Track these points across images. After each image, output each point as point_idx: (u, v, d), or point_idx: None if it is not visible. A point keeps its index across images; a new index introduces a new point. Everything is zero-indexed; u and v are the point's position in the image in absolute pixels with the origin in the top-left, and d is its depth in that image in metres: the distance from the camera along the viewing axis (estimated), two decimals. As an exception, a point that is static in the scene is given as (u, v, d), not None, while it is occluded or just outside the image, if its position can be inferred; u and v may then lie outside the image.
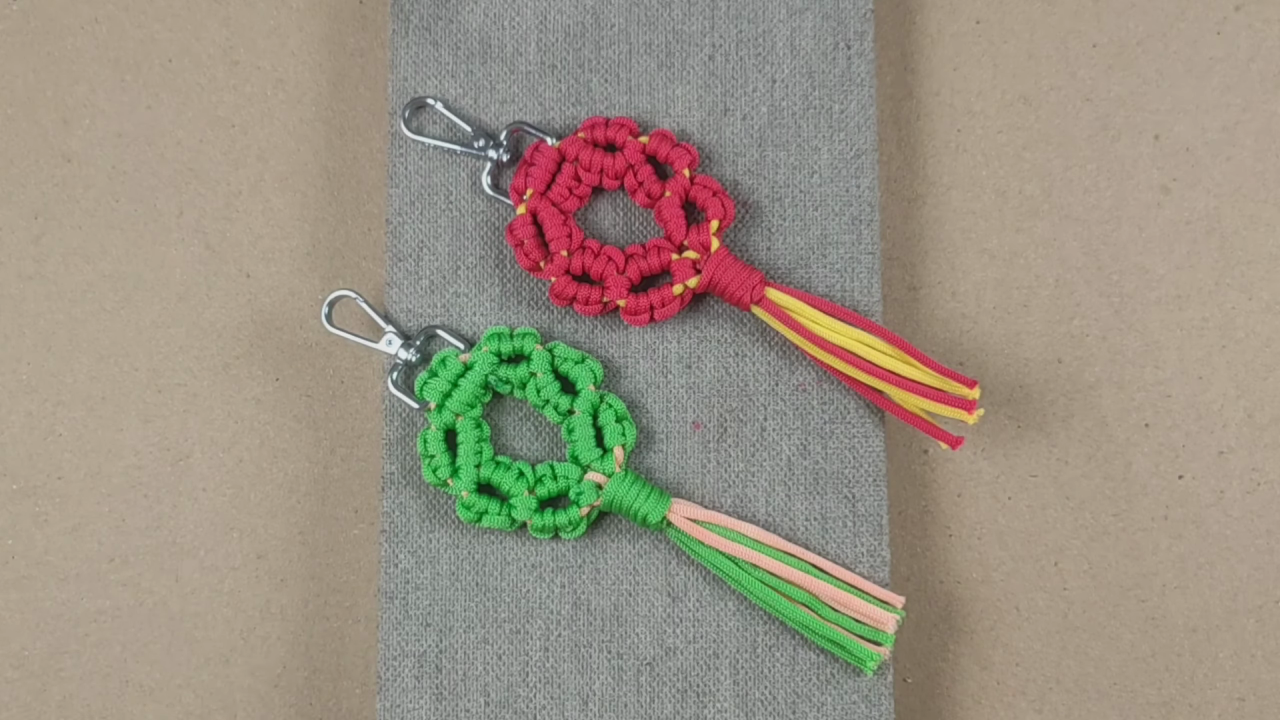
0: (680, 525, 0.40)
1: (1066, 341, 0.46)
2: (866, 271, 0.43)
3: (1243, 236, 0.46)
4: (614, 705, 0.42)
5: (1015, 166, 0.47)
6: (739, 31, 0.44)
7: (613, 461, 0.40)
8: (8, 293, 0.48)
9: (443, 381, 0.41)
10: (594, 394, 0.41)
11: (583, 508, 0.40)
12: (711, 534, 0.39)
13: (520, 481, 0.40)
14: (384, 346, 0.42)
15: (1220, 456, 0.45)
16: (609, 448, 0.40)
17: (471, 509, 0.40)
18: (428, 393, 0.41)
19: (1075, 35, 0.47)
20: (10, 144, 0.48)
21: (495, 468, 0.41)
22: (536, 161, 0.43)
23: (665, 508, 0.40)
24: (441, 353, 0.41)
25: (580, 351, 0.41)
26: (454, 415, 0.41)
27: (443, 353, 0.41)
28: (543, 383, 0.41)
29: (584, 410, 0.41)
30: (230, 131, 0.48)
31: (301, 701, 0.46)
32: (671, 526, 0.40)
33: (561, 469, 0.40)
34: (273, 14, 0.49)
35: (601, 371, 0.41)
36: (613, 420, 0.41)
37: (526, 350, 0.41)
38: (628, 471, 0.40)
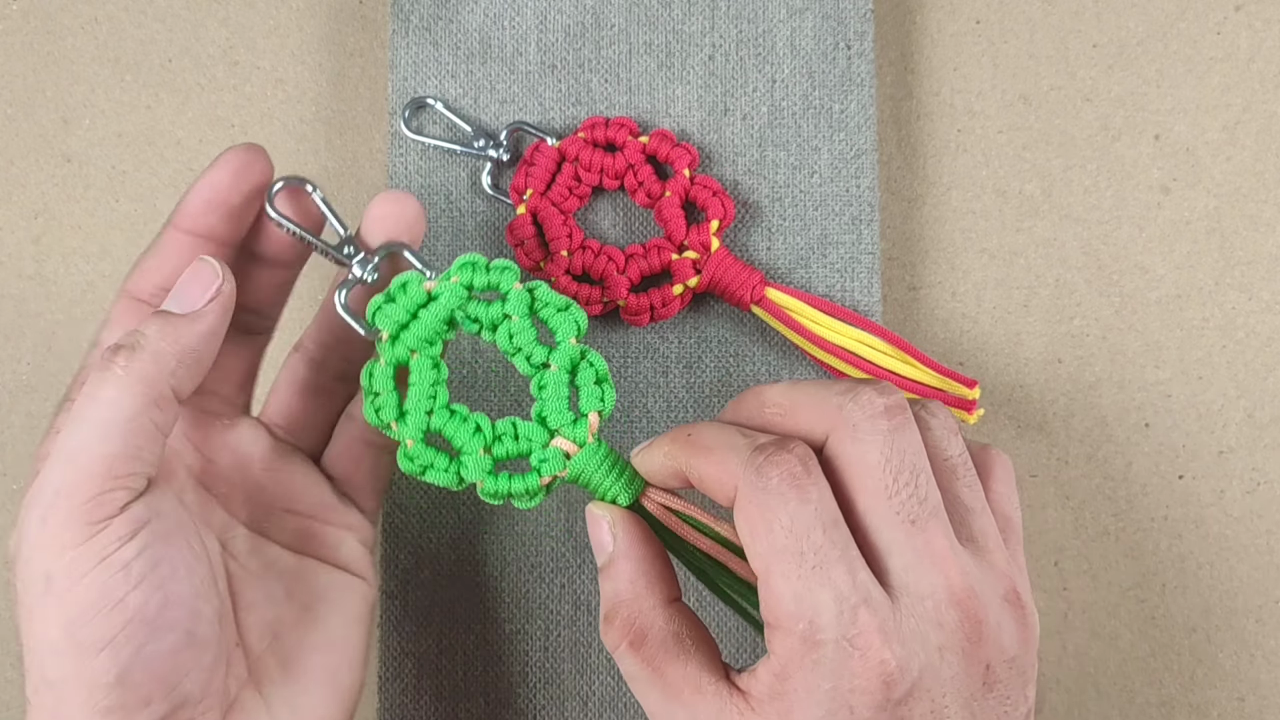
0: (654, 511, 0.34)
1: (1066, 341, 0.46)
2: (866, 271, 0.43)
3: (1243, 236, 0.46)
4: (614, 705, 0.42)
5: (1015, 166, 0.47)
6: (739, 31, 0.44)
7: (585, 429, 0.34)
8: (8, 293, 0.48)
9: (400, 309, 0.34)
10: (575, 348, 0.35)
11: (544, 476, 0.34)
12: (686, 527, 0.34)
13: (476, 437, 0.34)
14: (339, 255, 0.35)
15: (1220, 456, 0.45)
16: (584, 412, 0.34)
17: (415, 461, 0.34)
18: (380, 319, 0.34)
19: (1075, 35, 0.47)
20: (10, 144, 0.48)
21: (449, 417, 0.34)
22: (536, 161, 0.43)
23: (638, 491, 0.34)
24: (403, 275, 0.34)
25: (565, 297, 0.35)
26: (408, 350, 0.34)
27: (404, 275, 0.34)
28: (518, 327, 0.35)
29: (561, 365, 0.34)
30: (230, 131, 0.48)
31: (301, 701, 0.46)
32: (644, 511, 0.35)
33: (526, 429, 0.34)
34: (273, 14, 0.49)
35: (586, 324, 0.35)
36: (592, 381, 0.35)
37: (503, 287, 0.35)
38: (601, 443, 0.34)
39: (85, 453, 0.28)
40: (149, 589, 0.28)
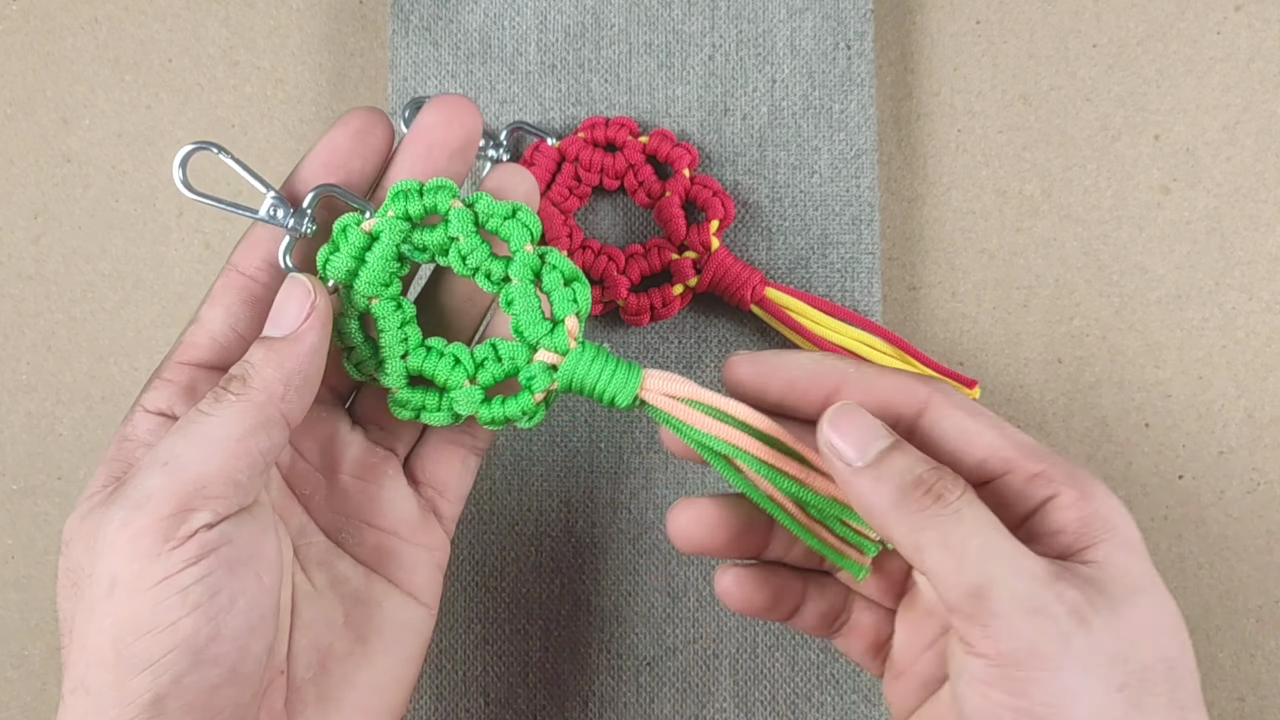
0: (658, 404, 0.32)
1: (1066, 341, 0.46)
2: (866, 271, 0.43)
3: (1243, 236, 0.46)
4: (614, 705, 0.42)
5: (1015, 166, 0.47)
6: (739, 31, 0.44)
7: (564, 335, 0.32)
8: (8, 293, 0.48)
9: (347, 257, 0.32)
10: (531, 255, 0.32)
11: (537, 394, 0.32)
12: (696, 413, 0.32)
13: (458, 370, 0.33)
14: (265, 216, 0.32)
15: (1220, 456, 0.45)
16: (559, 319, 0.32)
17: (406, 406, 0.33)
18: (331, 271, 0.32)
19: (1075, 35, 0.47)
20: (10, 144, 0.48)
21: (426, 355, 0.33)
22: (537, 161, 0.43)
23: (637, 384, 0.32)
24: (341, 220, 0.32)
25: (510, 202, 0.33)
26: (366, 298, 0.32)
27: (342, 220, 0.32)
28: (467, 247, 0.32)
29: (523, 276, 0.32)
30: (230, 131, 0.48)
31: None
32: (647, 405, 0.32)
33: (506, 349, 0.33)
34: (273, 14, 0.49)
35: (539, 226, 0.33)
36: (560, 284, 0.32)
37: (442, 208, 0.32)
38: (585, 344, 0.32)
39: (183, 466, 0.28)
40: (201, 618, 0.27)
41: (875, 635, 0.34)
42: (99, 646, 0.27)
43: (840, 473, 0.29)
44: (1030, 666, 0.26)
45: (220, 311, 0.31)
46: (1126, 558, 0.28)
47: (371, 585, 0.33)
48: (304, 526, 0.33)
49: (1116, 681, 0.26)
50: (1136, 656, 0.26)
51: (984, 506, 0.28)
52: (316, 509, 0.33)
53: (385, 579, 0.34)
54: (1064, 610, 0.26)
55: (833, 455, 0.30)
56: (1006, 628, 0.26)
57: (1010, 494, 0.29)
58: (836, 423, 0.30)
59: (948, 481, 0.28)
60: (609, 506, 0.42)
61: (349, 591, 0.33)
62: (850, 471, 0.29)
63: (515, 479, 0.43)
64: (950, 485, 0.28)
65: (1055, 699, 0.26)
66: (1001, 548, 0.27)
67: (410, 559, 0.34)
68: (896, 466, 0.29)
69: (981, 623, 0.26)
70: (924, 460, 0.29)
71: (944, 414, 0.30)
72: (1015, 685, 0.26)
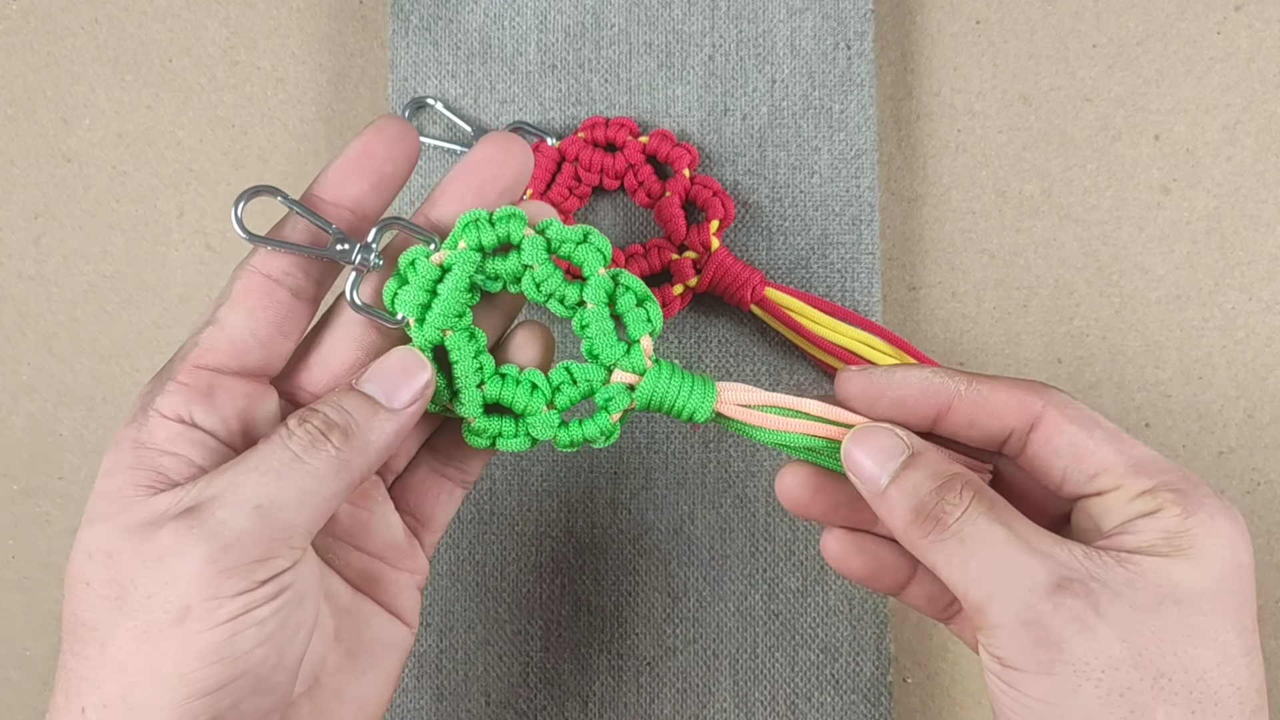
0: (733, 414, 0.33)
1: (1066, 341, 0.46)
2: (866, 271, 0.43)
3: (1243, 236, 0.46)
4: (614, 705, 0.42)
5: (1015, 166, 0.47)
6: (739, 31, 0.44)
7: (640, 355, 0.33)
8: (8, 293, 0.48)
9: (417, 291, 0.32)
10: (605, 278, 0.33)
11: (614, 414, 0.33)
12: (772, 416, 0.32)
13: (536, 395, 0.33)
14: (332, 253, 0.32)
15: (1220, 457, 0.45)
16: (634, 339, 0.33)
17: (483, 434, 0.33)
18: (400, 305, 0.32)
19: (1075, 35, 0.47)
20: (10, 144, 0.48)
21: (502, 383, 0.33)
22: (537, 161, 0.43)
23: (713, 398, 0.32)
24: (409, 253, 0.32)
25: (580, 227, 0.33)
26: (439, 330, 0.32)
27: (410, 253, 0.32)
28: (542, 274, 0.32)
29: (597, 300, 0.32)
30: (230, 131, 0.48)
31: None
32: (723, 418, 0.33)
33: (581, 372, 0.33)
34: (273, 14, 0.49)
35: (610, 248, 0.33)
36: (633, 305, 0.33)
37: (514, 237, 0.32)
38: (660, 362, 0.33)
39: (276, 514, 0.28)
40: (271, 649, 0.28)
41: None
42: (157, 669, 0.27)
43: (867, 497, 0.31)
44: (1027, 669, 0.28)
45: (243, 315, 0.30)
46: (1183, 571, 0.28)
47: (359, 604, 0.33)
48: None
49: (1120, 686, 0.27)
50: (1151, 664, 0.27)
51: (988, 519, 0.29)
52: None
53: (371, 599, 0.34)
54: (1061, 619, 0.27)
55: (856, 478, 0.31)
56: (1005, 637, 0.28)
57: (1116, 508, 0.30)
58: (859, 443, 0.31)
59: (950, 500, 0.29)
60: (609, 506, 0.42)
61: (339, 607, 0.33)
62: (871, 497, 0.31)
63: (515, 479, 0.43)
64: (952, 505, 0.29)
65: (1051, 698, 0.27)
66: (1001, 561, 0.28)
67: (395, 582, 0.34)
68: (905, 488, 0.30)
69: (985, 633, 0.28)
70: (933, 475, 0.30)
71: (1057, 428, 0.31)
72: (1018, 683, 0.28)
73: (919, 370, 0.32)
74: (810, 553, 0.42)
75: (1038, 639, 0.27)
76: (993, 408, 0.31)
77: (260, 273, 0.31)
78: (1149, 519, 0.29)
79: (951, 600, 0.35)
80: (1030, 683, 0.28)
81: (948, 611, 0.35)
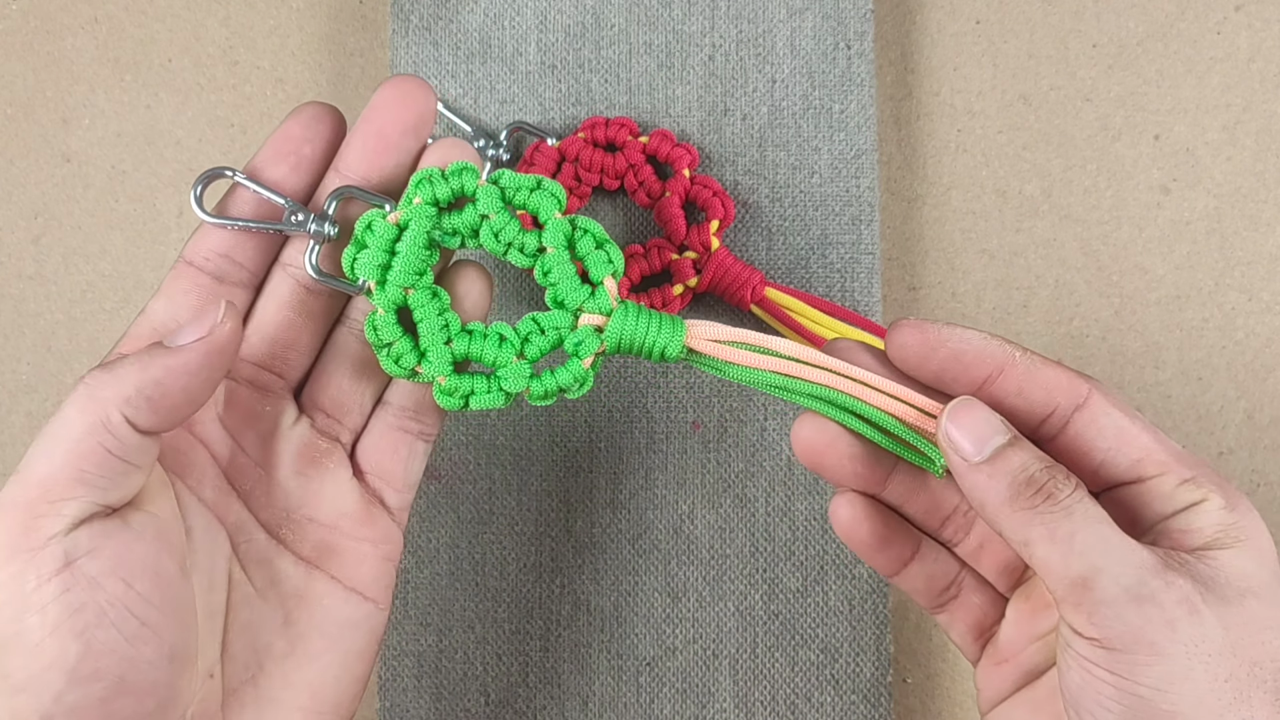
0: (704, 350, 0.33)
1: (1066, 341, 0.46)
2: (866, 271, 0.43)
3: (1243, 236, 0.46)
4: (613, 705, 0.42)
5: (1015, 166, 0.47)
6: (739, 31, 0.44)
7: (605, 296, 0.33)
8: (7, 292, 0.48)
9: (376, 252, 0.32)
10: (562, 222, 0.33)
11: (585, 359, 0.33)
12: (744, 353, 0.32)
13: (504, 347, 0.33)
14: (288, 226, 0.32)
15: (1220, 457, 0.45)
16: (597, 280, 0.33)
17: (454, 394, 0.33)
18: (361, 269, 0.32)
19: (1075, 35, 0.47)
20: (10, 144, 0.48)
21: (469, 338, 0.33)
22: (537, 161, 0.43)
23: (683, 333, 0.32)
24: (365, 216, 0.32)
25: (533, 175, 0.33)
26: (401, 290, 0.32)
27: (366, 215, 0.32)
28: (499, 223, 0.32)
29: (556, 244, 0.33)
30: (230, 131, 0.48)
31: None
32: (694, 354, 0.33)
33: (548, 319, 0.33)
34: (273, 14, 0.49)
35: (564, 194, 0.33)
36: (593, 247, 0.33)
37: (468, 189, 0.32)
38: (626, 303, 0.33)
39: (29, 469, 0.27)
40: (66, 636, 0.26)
41: (981, 618, 0.34)
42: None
43: (956, 466, 0.30)
44: (1137, 650, 0.27)
45: (164, 303, 0.31)
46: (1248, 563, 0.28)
47: (313, 583, 0.33)
48: (243, 523, 0.32)
49: (1224, 672, 0.27)
50: (1245, 652, 0.27)
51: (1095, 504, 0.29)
52: (257, 504, 0.33)
53: (328, 575, 0.33)
54: (1173, 598, 0.27)
55: (950, 449, 0.30)
56: (1113, 614, 0.27)
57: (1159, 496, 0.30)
58: (956, 417, 0.30)
59: (1060, 480, 0.29)
60: (609, 506, 0.42)
61: (290, 590, 0.32)
62: (966, 467, 0.30)
63: (515, 479, 0.43)
64: (1062, 483, 0.29)
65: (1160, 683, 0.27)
66: (1110, 539, 0.28)
67: (354, 554, 0.33)
68: (1012, 464, 0.29)
69: (1087, 610, 0.27)
70: (1040, 458, 0.29)
71: (1103, 410, 0.30)
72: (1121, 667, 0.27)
73: (975, 330, 0.31)
74: (810, 553, 0.42)
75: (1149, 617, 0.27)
76: (1044, 381, 0.31)
77: (185, 261, 0.31)
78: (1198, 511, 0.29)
79: (948, 586, 0.34)
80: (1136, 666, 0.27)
81: (942, 598, 0.34)
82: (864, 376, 0.32)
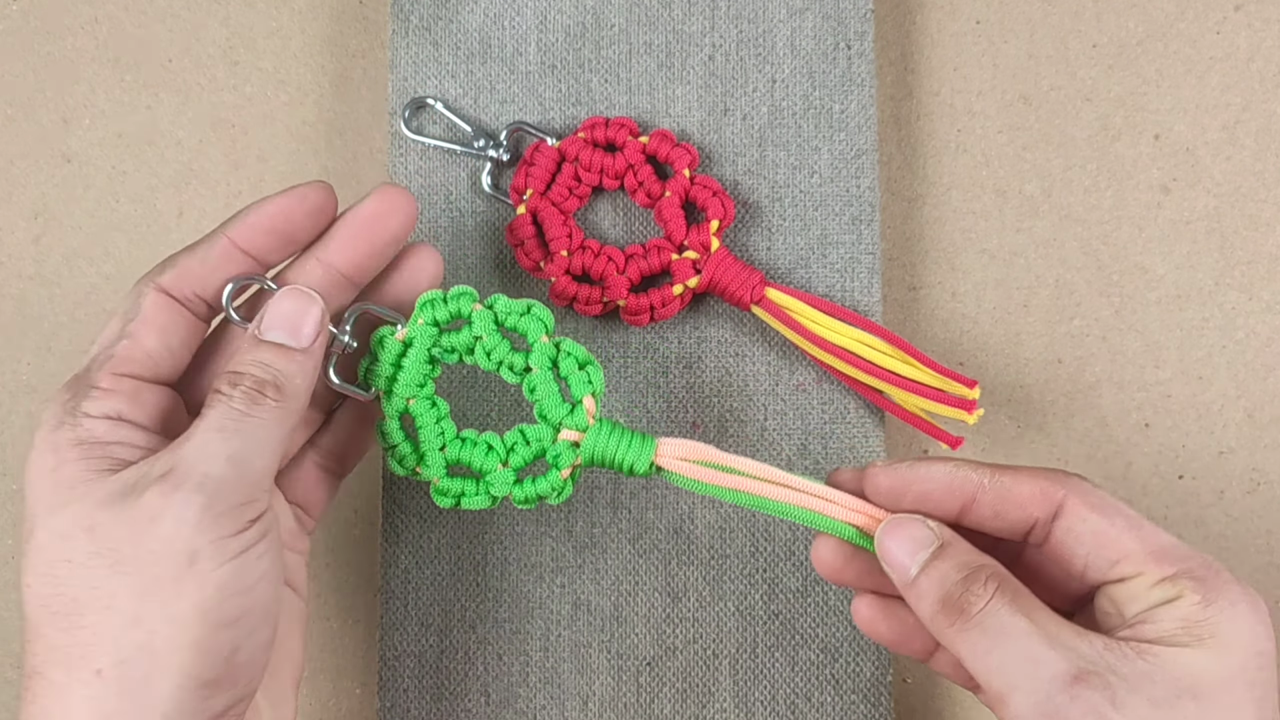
0: (672, 468, 0.36)
1: (1066, 341, 0.46)
2: (866, 271, 0.43)
3: (1243, 236, 0.46)
4: (614, 705, 0.42)
5: (1015, 166, 0.47)
6: (739, 31, 0.44)
7: (584, 414, 0.36)
8: (8, 292, 0.48)
9: (385, 365, 0.36)
10: (548, 345, 0.36)
11: (563, 470, 0.36)
12: (709, 471, 0.35)
13: (491, 455, 0.36)
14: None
15: (1220, 456, 0.45)
16: (577, 399, 0.36)
17: (447, 494, 0.37)
18: (372, 379, 0.37)
19: (1075, 35, 0.47)
20: (10, 144, 0.48)
21: (461, 445, 0.37)
22: (536, 161, 0.43)
23: (651, 452, 0.36)
24: (377, 332, 0.37)
25: (524, 300, 0.37)
26: (404, 399, 0.37)
27: (378, 332, 0.37)
28: (490, 344, 0.36)
29: (541, 365, 0.36)
30: (230, 132, 0.48)
31: (301, 701, 0.46)
32: (663, 472, 0.36)
33: (532, 432, 0.36)
34: (273, 14, 0.49)
35: (552, 319, 0.37)
36: (575, 368, 0.36)
37: (465, 312, 0.37)
38: (602, 421, 0.36)
39: (247, 462, 0.31)
40: (269, 582, 0.32)
41: None
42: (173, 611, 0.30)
43: (897, 584, 0.33)
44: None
45: (155, 332, 0.34)
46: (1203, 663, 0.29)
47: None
48: None
49: None
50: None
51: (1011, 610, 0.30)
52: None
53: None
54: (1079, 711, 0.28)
55: (888, 569, 0.33)
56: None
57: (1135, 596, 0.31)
58: (887, 536, 0.33)
59: (975, 591, 0.31)
60: (609, 506, 0.42)
61: None
62: (903, 585, 0.32)
63: (515, 479, 0.43)
64: (977, 595, 0.30)
65: None
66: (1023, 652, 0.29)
67: (293, 562, 0.37)
68: (933, 578, 0.31)
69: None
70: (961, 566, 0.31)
71: (1079, 517, 0.32)
72: None
73: (942, 464, 0.33)
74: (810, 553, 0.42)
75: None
76: (1016, 498, 0.32)
77: (168, 294, 0.34)
78: (1168, 607, 0.30)
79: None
80: None
81: (973, 681, 0.35)
82: (821, 491, 0.35)
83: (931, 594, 0.31)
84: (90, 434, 0.32)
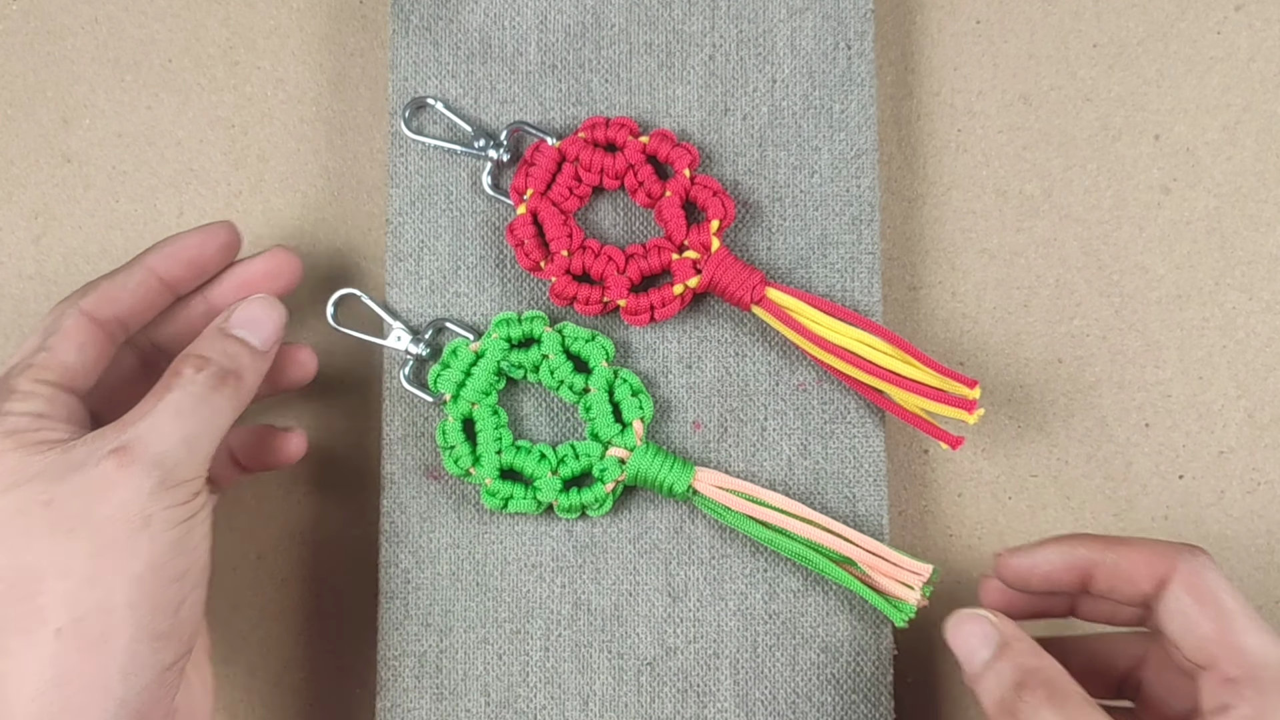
0: (707, 493, 0.40)
1: (1066, 341, 0.46)
2: (866, 271, 0.43)
3: (1243, 236, 0.46)
4: (614, 705, 0.42)
5: (1015, 166, 0.47)
6: (739, 31, 0.44)
7: (633, 435, 0.40)
8: (8, 293, 0.48)
9: (456, 372, 0.41)
10: (607, 370, 0.41)
11: (607, 484, 0.40)
12: (739, 500, 0.40)
13: (543, 464, 0.41)
14: (392, 343, 0.42)
15: (1220, 456, 0.45)
16: (628, 422, 0.41)
17: (496, 495, 0.41)
18: (442, 384, 0.41)
19: (1075, 35, 0.47)
20: (10, 144, 0.48)
21: (516, 452, 0.41)
22: (537, 161, 0.43)
23: (690, 477, 0.40)
24: (452, 343, 0.41)
25: (589, 330, 0.41)
26: (470, 404, 0.41)
27: (454, 343, 0.41)
28: (555, 364, 0.41)
29: (599, 387, 0.41)
30: (230, 131, 0.48)
31: (301, 701, 0.46)
32: (698, 495, 0.40)
33: (583, 447, 0.41)
34: (273, 14, 0.49)
35: (613, 348, 0.41)
36: (629, 395, 0.41)
37: (536, 333, 0.41)
38: (648, 444, 0.40)
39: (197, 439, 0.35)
40: (206, 544, 0.36)
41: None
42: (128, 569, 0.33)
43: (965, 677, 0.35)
44: None
45: (74, 348, 0.37)
46: None
47: None
48: None
49: None
50: None
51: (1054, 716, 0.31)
52: None
53: None
54: None
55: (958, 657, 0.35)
56: None
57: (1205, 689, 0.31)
58: (952, 634, 0.35)
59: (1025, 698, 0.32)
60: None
61: None
62: (968, 679, 0.35)
63: (515, 479, 0.43)
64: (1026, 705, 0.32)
65: None
66: None
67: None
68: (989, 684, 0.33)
69: None
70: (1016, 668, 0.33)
71: (1174, 596, 0.33)
72: None
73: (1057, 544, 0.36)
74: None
75: None
76: (1125, 572, 0.34)
77: (88, 315, 0.38)
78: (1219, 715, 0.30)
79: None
80: None
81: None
82: (845, 532, 0.39)
83: (991, 695, 0.33)
84: (17, 426, 0.35)
